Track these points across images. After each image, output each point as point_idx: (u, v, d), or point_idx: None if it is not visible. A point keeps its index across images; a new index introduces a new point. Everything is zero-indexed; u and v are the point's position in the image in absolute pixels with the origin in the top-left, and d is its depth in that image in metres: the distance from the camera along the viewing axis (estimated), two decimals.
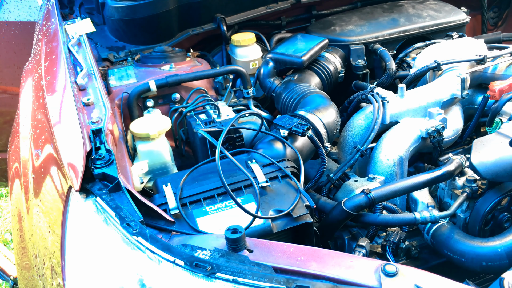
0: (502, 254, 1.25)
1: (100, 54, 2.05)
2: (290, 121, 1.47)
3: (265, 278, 0.87)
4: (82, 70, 1.53)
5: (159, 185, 1.26)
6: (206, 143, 1.53)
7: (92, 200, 1.11)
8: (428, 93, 1.71)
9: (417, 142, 1.56)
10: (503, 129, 1.38)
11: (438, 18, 2.14)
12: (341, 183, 1.52)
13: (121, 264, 0.98)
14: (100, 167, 1.16)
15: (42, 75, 1.69)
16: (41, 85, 1.63)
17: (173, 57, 1.99)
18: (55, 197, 1.26)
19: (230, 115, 1.65)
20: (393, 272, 0.87)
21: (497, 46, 1.97)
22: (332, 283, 0.87)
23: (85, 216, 1.09)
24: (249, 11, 2.25)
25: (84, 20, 1.88)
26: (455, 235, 1.32)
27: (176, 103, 1.84)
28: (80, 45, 1.68)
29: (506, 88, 1.59)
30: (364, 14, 2.22)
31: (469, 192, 1.38)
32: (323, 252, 0.95)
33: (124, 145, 1.36)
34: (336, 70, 2.00)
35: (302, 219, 1.16)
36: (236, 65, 1.95)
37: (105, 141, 1.24)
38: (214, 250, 0.95)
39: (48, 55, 1.77)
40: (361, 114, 1.70)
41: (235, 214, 1.17)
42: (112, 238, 1.02)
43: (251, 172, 1.27)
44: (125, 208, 1.06)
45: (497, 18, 2.81)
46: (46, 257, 1.24)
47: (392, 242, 1.34)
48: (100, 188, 1.12)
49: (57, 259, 1.16)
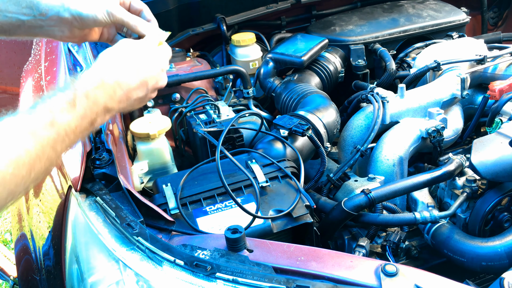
0: (502, 254, 1.25)
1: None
2: (290, 121, 1.47)
3: (265, 278, 0.87)
4: (82, 70, 1.53)
5: (159, 185, 1.26)
6: (206, 143, 1.53)
7: (92, 200, 1.11)
8: (428, 93, 1.71)
9: (417, 142, 1.56)
10: (503, 129, 1.38)
11: (438, 18, 2.14)
12: (341, 183, 1.52)
13: (121, 264, 0.98)
14: (100, 167, 1.16)
15: (42, 75, 1.69)
16: (41, 85, 1.63)
17: (173, 57, 1.99)
18: (55, 197, 1.26)
19: (230, 115, 1.65)
20: (393, 272, 0.87)
21: (497, 46, 1.97)
22: (332, 283, 0.87)
23: (85, 216, 1.09)
24: (249, 11, 2.25)
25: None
26: (455, 235, 1.32)
27: (176, 103, 1.84)
28: (80, 45, 1.68)
29: (506, 88, 1.59)
30: (364, 14, 2.22)
31: (469, 192, 1.38)
32: (323, 252, 0.95)
33: (124, 145, 1.36)
34: (336, 70, 2.00)
35: (302, 219, 1.16)
36: (236, 65, 1.95)
37: (105, 141, 1.24)
38: (214, 250, 0.95)
39: (48, 55, 1.77)
40: (361, 114, 1.70)
41: (235, 214, 1.17)
42: (112, 238, 1.02)
43: (251, 172, 1.27)
44: (125, 208, 1.06)
45: (497, 18, 2.81)
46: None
47: (392, 242, 1.34)
48: (100, 188, 1.12)
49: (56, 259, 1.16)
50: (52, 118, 0.87)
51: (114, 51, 1.06)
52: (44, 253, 1.28)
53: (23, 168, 0.81)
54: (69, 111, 0.90)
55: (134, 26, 1.16)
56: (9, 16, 1.09)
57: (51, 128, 0.86)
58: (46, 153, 0.85)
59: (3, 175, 0.78)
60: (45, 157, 0.85)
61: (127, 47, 1.08)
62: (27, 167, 0.82)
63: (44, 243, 1.28)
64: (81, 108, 0.92)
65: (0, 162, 0.78)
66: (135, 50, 1.08)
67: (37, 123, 0.85)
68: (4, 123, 0.84)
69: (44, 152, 0.85)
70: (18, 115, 0.86)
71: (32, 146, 0.83)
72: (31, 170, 0.83)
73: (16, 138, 0.82)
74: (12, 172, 0.79)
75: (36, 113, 0.87)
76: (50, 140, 0.86)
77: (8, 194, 0.80)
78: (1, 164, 0.78)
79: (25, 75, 2.01)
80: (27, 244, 1.42)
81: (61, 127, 0.88)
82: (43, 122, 0.86)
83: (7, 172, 0.78)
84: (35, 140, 0.83)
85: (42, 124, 0.86)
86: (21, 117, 0.86)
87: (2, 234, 3.22)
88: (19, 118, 0.85)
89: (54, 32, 1.14)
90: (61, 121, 0.88)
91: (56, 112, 0.88)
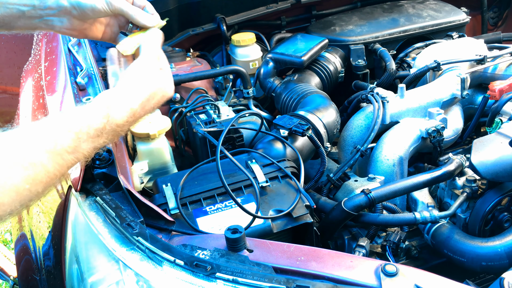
0: (502, 254, 1.25)
1: (100, 54, 2.04)
2: (290, 121, 1.47)
3: (265, 278, 0.87)
4: (82, 70, 1.53)
5: (159, 185, 1.26)
6: (206, 143, 1.53)
7: (92, 200, 1.11)
8: (428, 93, 1.71)
9: (417, 142, 1.56)
10: (503, 129, 1.38)
11: (438, 18, 2.14)
12: (341, 183, 1.52)
13: (121, 264, 0.98)
14: (100, 167, 1.16)
15: (42, 75, 1.69)
16: (41, 85, 1.63)
17: (173, 57, 1.99)
18: (55, 197, 1.26)
19: (230, 115, 1.65)
20: (393, 272, 0.87)
21: (497, 46, 1.97)
22: (332, 283, 0.87)
23: (85, 216, 1.09)
24: (249, 11, 2.25)
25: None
26: (455, 235, 1.32)
27: (176, 103, 1.84)
28: (80, 45, 1.68)
29: (506, 88, 1.59)
30: (364, 14, 2.22)
31: (469, 192, 1.38)
32: (323, 252, 0.95)
33: (124, 145, 1.36)
34: (336, 70, 2.00)
35: (302, 219, 1.16)
36: (236, 65, 1.95)
37: None
38: (214, 250, 0.95)
39: (48, 55, 1.77)
40: (361, 114, 1.70)
41: (235, 214, 1.17)
42: (112, 238, 1.02)
43: (251, 172, 1.27)
44: (125, 208, 1.06)
45: (497, 18, 2.81)
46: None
47: (392, 242, 1.34)
48: (100, 188, 1.12)
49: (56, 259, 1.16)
50: (77, 145, 0.90)
51: (136, 75, 1.05)
52: (44, 253, 1.28)
53: (40, 185, 0.84)
54: (93, 140, 0.93)
55: (134, 16, 1.15)
56: (10, 7, 1.10)
57: (73, 153, 0.89)
58: (61, 173, 0.89)
59: (18, 189, 0.81)
60: (60, 176, 0.89)
61: (144, 70, 1.07)
62: (43, 185, 0.85)
63: (44, 243, 1.28)
64: (105, 137, 0.95)
65: (17, 176, 0.81)
66: (150, 74, 1.07)
67: (62, 145, 0.87)
68: (29, 136, 0.86)
69: (61, 172, 0.88)
70: (45, 127, 0.88)
71: (51, 166, 0.85)
72: (45, 188, 0.86)
73: (38, 156, 0.84)
74: (29, 188, 0.82)
75: (63, 133, 0.89)
76: (69, 163, 0.89)
77: (21, 207, 0.83)
78: (18, 178, 0.81)
79: (25, 75, 2.01)
80: (27, 244, 1.42)
81: (82, 153, 0.91)
82: (68, 146, 0.88)
83: (23, 187, 0.81)
84: (55, 161, 0.86)
85: (66, 148, 0.88)
86: (47, 132, 0.88)
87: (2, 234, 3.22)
88: (44, 133, 0.87)
89: (54, 23, 1.14)
90: (83, 148, 0.91)
91: (82, 139, 0.90)
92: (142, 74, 1.05)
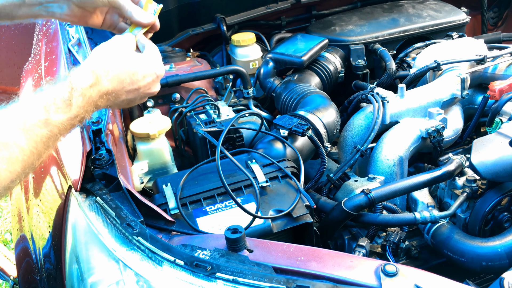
0: (502, 254, 1.25)
1: None
2: (290, 121, 1.47)
3: (265, 278, 0.87)
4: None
5: (159, 185, 1.26)
6: (206, 143, 1.53)
7: (92, 200, 1.11)
8: (428, 93, 1.71)
9: (417, 142, 1.56)
10: (503, 129, 1.38)
11: (438, 18, 2.14)
12: (341, 183, 1.52)
13: (121, 264, 0.98)
14: (100, 167, 1.16)
15: (42, 75, 1.69)
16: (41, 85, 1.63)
17: (173, 57, 1.99)
18: (55, 197, 1.26)
19: (230, 115, 1.65)
20: (393, 272, 0.87)
21: (497, 46, 1.97)
22: (332, 283, 0.87)
23: (85, 216, 1.09)
24: (249, 11, 2.25)
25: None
26: (455, 235, 1.32)
27: (176, 103, 1.84)
28: (80, 45, 1.68)
29: (506, 88, 1.59)
30: (364, 14, 2.22)
31: (469, 192, 1.38)
32: (323, 252, 0.95)
33: (124, 145, 1.36)
34: (336, 70, 2.00)
35: (302, 219, 1.16)
36: (236, 65, 1.95)
37: (105, 141, 1.24)
38: (214, 250, 0.95)
39: (48, 55, 1.77)
40: (361, 114, 1.70)
41: (235, 214, 1.17)
42: (112, 238, 1.02)
43: (251, 172, 1.27)
44: (125, 208, 1.06)
45: (497, 18, 2.81)
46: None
47: (392, 242, 1.34)
48: (100, 188, 1.12)
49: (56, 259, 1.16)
50: (47, 117, 0.89)
51: (110, 48, 1.06)
52: (44, 253, 1.28)
53: (17, 164, 0.84)
54: (64, 111, 0.92)
55: (130, 12, 1.14)
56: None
57: (45, 126, 0.89)
58: (39, 150, 0.88)
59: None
60: (38, 153, 0.88)
61: (123, 44, 1.08)
62: (21, 164, 0.85)
63: (44, 244, 1.28)
64: (75, 107, 0.94)
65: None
66: (132, 53, 1.08)
67: (32, 121, 0.87)
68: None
69: (37, 148, 0.88)
70: (13, 109, 0.88)
71: (25, 143, 0.85)
72: (25, 166, 0.86)
73: (10, 135, 0.84)
74: (6, 168, 0.82)
75: (31, 109, 0.89)
76: (44, 137, 0.89)
77: (3, 189, 0.83)
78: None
79: (25, 75, 2.01)
80: (27, 246, 1.42)
81: (55, 126, 0.91)
82: (38, 120, 0.88)
83: (1, 168, 0.81)
84: (29, 138, 0.86)
85: (37, 122, 0.88)
86: (16, 112, 0.88)
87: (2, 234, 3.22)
88: (13, 113, 0.87)
89: (54, 9, 1.14)
90: (55, 120, 0.90)
91: (51, 111, 0.90)
92: (113, 52, 1.05)
